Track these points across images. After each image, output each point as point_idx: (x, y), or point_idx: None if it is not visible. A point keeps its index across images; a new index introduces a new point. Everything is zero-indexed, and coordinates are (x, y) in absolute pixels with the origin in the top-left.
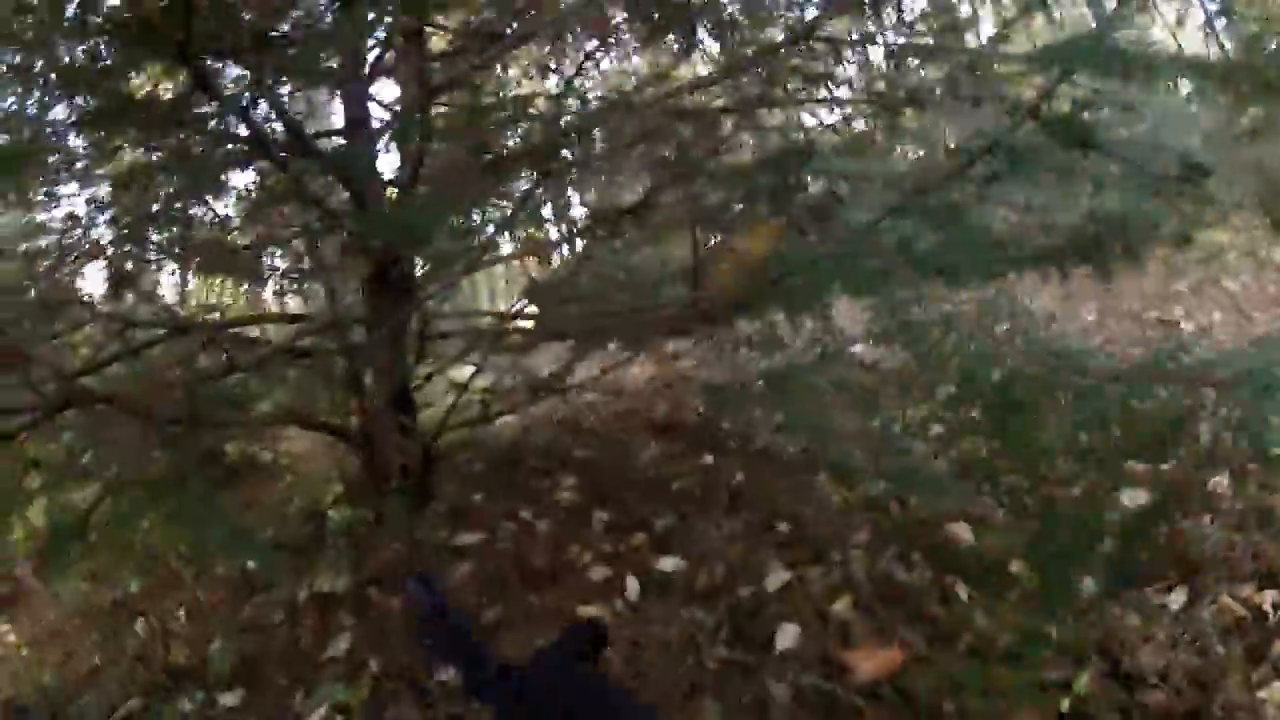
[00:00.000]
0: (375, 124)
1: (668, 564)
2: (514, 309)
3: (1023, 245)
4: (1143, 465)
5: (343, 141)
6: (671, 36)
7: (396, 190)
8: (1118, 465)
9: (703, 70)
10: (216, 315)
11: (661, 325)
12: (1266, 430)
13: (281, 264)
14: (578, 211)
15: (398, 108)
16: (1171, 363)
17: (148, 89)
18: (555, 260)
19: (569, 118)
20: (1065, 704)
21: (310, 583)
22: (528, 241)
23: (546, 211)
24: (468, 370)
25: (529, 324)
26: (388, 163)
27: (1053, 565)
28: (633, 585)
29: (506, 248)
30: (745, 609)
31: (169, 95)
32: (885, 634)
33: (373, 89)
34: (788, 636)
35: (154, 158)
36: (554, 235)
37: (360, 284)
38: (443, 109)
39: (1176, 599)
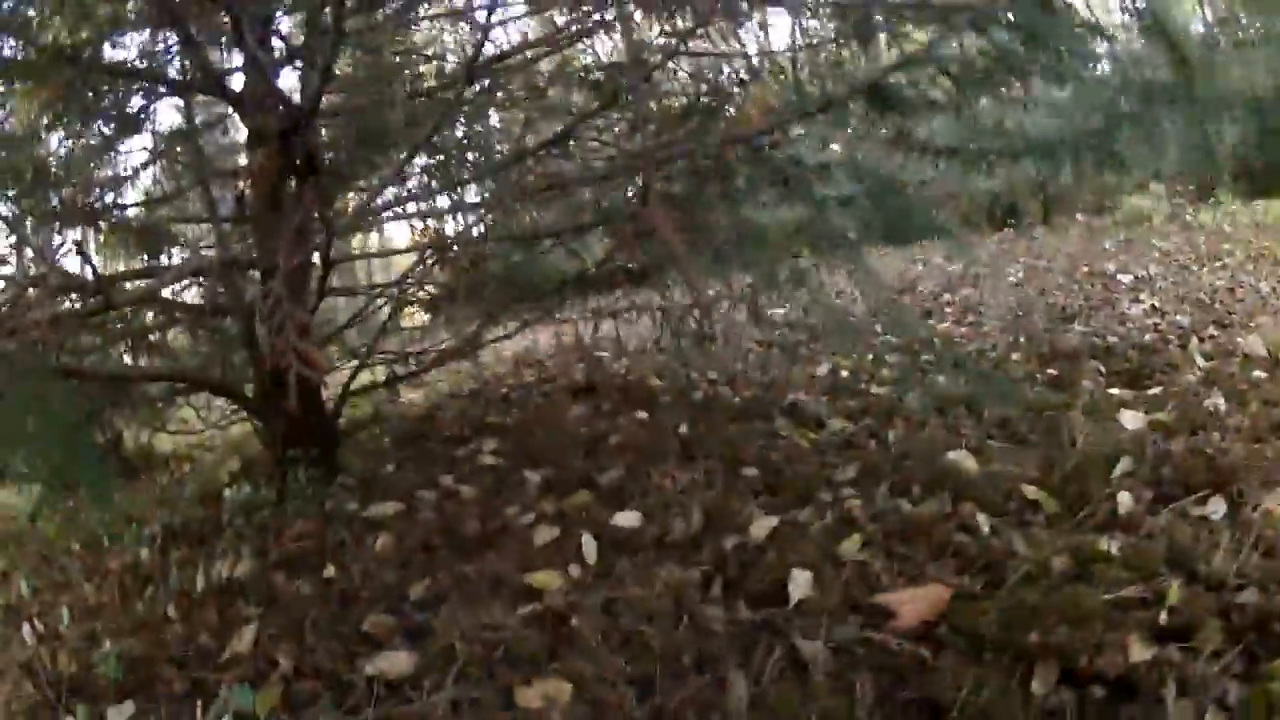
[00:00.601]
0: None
1: (626, 519)
2: (418, 269)
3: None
4: (1133, 393)
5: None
6: None
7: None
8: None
9: None
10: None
11: (585, 284)
12: None
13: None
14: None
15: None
16: None
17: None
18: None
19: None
20: (1163, 618)
21: (208, 570)
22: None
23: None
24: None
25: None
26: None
27: (1072, 486)
28: (589, 545)
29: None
30: (736, 560)
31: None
32: (912, 572)
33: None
34: (801, 585)
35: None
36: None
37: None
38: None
39: (1215, 509)
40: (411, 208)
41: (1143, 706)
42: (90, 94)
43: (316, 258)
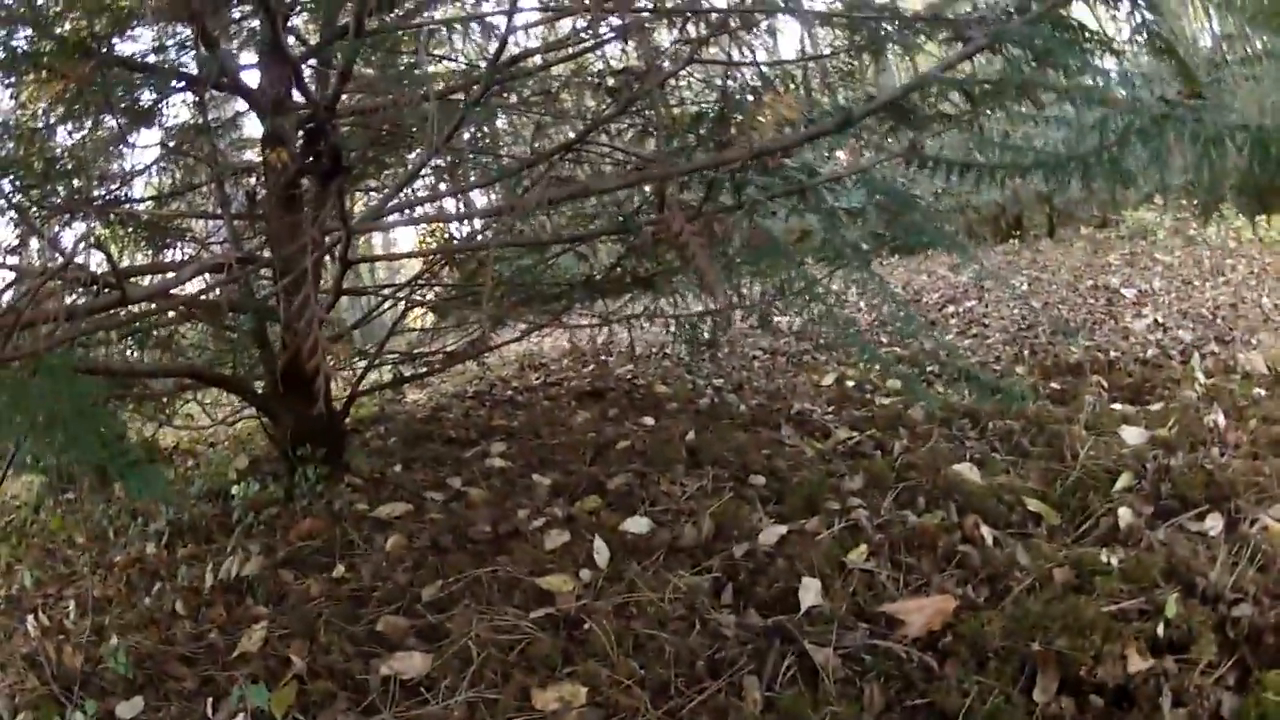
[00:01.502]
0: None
1: (636, 525)
2: (427, 272)
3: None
4: (1135, 408)
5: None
6: None
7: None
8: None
9: None
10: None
11: (593, 289)
12: None
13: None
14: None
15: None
16: None
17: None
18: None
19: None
20: (1160, 629)
21: (216, 567)
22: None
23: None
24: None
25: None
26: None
27: (1074, 499)
28: (600, 550)
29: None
30: (745, 568)
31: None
32: (918, 583)
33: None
34: (811, 593)
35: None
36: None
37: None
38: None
39: (1213, 524)
40: (421, 210)
41: (1140, 716)
42: (105, 87)
43: (328, 258)
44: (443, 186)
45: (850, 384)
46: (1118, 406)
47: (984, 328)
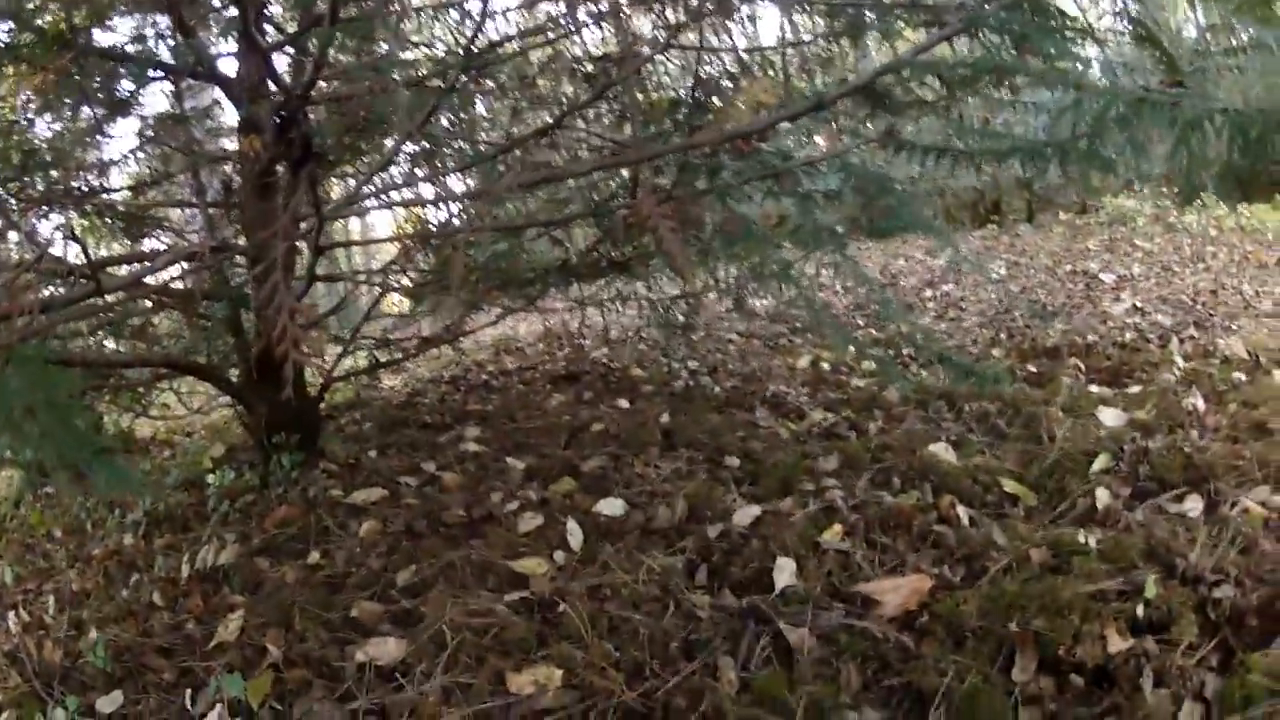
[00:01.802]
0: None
1: (609, 507)
2: (403, 257)
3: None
4: (1112, 391)
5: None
6: None
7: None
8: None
9: None
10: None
11: (569, 273)
12: None
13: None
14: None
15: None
16: None
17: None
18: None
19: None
20: (1140, 610)
21: (193, 556)
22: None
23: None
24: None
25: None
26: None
27: (1051, 480)
28: (574, 532)
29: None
30: (719, 549)
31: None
32: (893, 563)
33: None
34: (785, 574)
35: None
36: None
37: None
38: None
39: (1192, 506)
40: (398, 196)
41: (1121, 696)
42: (84, 78)
43: (304, 244)
44: (419, 173)
45: (825, 367)
46: (1095, 389)
47: (961, 311)
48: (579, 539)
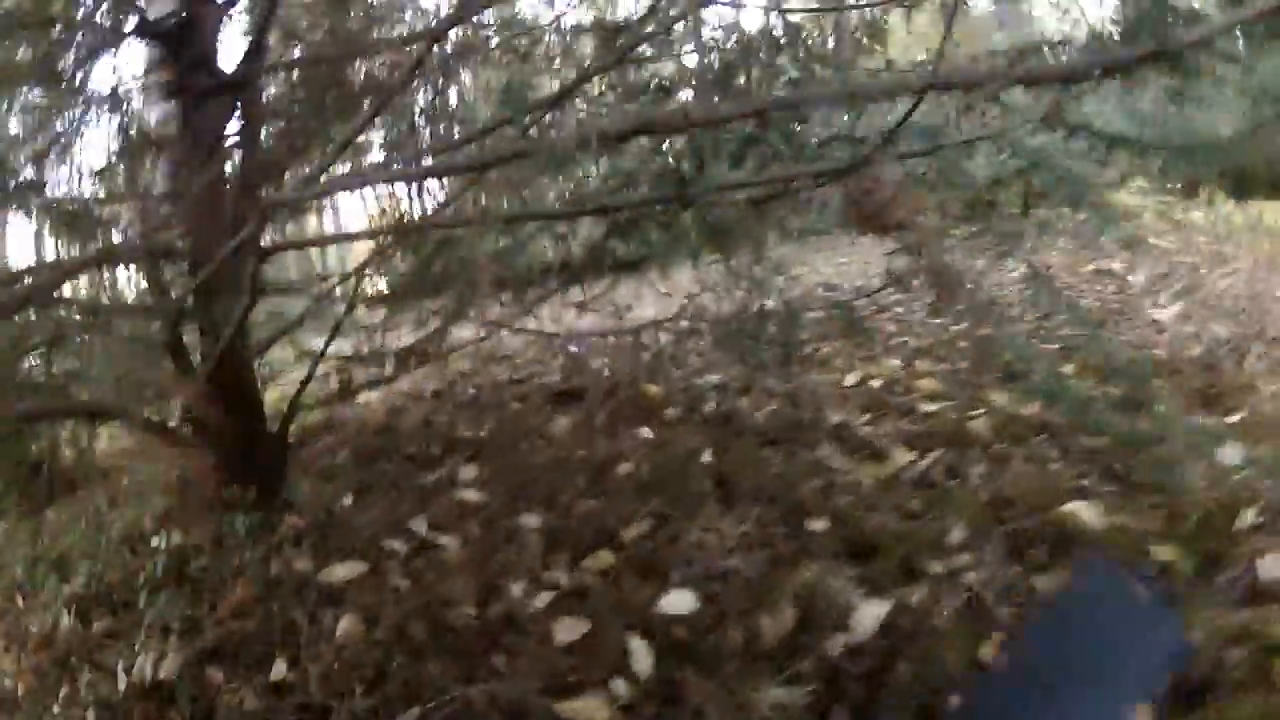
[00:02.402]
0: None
1: (677, 602)
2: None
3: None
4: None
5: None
6: None
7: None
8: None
9: None
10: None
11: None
12: None
13: None
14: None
15: None
16: None
17: None
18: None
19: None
20: None
21: (129, 664)
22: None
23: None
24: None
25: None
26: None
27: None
28: (639, 652)
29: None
30: (850, 673)
31: None
32: None
33: None
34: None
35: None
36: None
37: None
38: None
39: None
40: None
41: None
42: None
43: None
44: (394, 157)
45: (876, 384)
46: (1200, 419)
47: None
48: (647, 662)
